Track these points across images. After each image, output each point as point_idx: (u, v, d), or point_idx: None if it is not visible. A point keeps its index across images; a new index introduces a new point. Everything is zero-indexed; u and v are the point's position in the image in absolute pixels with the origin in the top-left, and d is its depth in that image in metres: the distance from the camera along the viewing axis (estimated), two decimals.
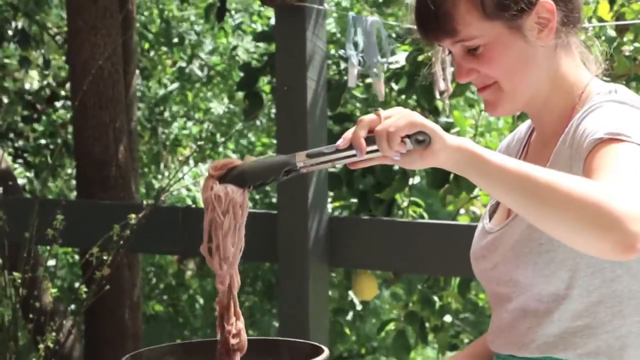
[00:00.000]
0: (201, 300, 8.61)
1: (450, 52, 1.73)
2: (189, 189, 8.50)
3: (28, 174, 8.15)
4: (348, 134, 1.51)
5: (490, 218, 1.85)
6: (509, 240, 1.72)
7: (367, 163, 1.53)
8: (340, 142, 1.52)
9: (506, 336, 1.74)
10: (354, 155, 1.51)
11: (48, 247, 3.51)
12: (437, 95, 3.36)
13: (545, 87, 1.71)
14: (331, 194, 4.97)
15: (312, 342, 1.71)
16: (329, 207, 4.76)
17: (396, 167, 4.73)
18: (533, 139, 1.84)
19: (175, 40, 8.49)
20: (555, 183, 1.43)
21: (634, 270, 1.66)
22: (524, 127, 1.89)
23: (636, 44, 6.33)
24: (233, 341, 1.59)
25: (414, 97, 4.58)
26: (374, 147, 1.50)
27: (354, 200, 4.84)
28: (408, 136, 1.48)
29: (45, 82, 8.21)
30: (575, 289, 1.66)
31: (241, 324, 1.61)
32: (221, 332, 1.60)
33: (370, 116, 1.50)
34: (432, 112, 4.60)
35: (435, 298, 4.69)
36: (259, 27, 8.59)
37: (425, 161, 1.49)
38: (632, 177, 1.46)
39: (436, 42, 1.72)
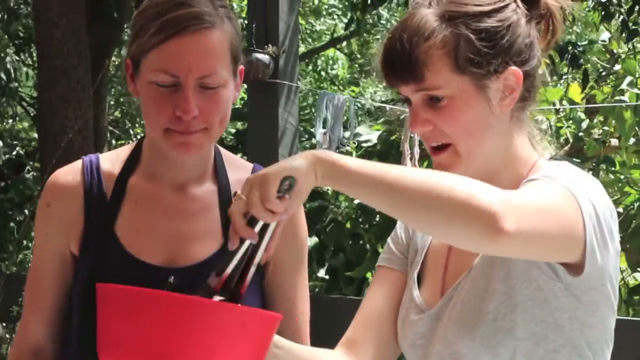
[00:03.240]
0: None
1: (406, 101, 1.71)
2: None
3: None
4: (231, 233, 1.50)
5: (418, 285, 1.79)
6: (451, 313, 1.69)
7: (273, 241, 1.52)
8: (230, 244, 1.51)
9: None
10: (252, 244, 1.50)
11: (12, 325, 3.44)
12: None
13: (497, 159, 1.70)
14: None
15: None
16: None
17: (367, 246, 4.71)
18: None
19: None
20: (420, 181, 1.47)
21: (574, 342, 1.65)
22: None
23: (606, 127, 6.41)
24: None
25: None
26: (261, 224, 1.49)
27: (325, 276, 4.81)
28: (278, 190, 1.47)
29: (14, 153, 8.17)
30: (521, 358, 1.63)
31: None
32: None
33: (236, 204, 1.49)
34: None
35: None
36: None
37: (307, 191, 1.49)
38: (532, 193, 1.53)
39: (400, 85, 1.67)
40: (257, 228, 1.49)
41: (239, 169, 1.87)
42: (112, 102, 8.37)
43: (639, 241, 5.67)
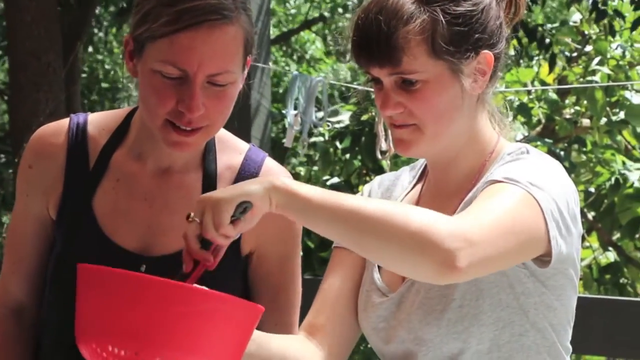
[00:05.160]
0: None
1: (374, 81, 1.69)
2: None
3: None
4: (185, 255, 1.51)
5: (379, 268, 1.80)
6: (414, 299, 1.69)
7: (218, 257, 1.53)
8: (185, 266, 1.52)
9: None
10: (205, 265, 1.51)
11: None
12: (379, 155, 3.37)
13: (461, 139, 1.71)
14: None
15: None
16: None
17: None
18: (425, 191, 1.80)
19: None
20: (377, 212, 1.47)
21: (539, 325, 1.67)
22: (405, 175, 1.86)
23: (577, 107, 6.44)
24: None
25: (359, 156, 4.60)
26: (215, 245, 1.50)
27: None
28: (233, 214, 1.48)
29: None
30: (486, 343, 1.65)
31: None
32: None
33: (190, 227, 1.50)
34: (376, 171, 4.62)
35: None
36: None
37: (260, 215, 1.51)
38: (488, 209, 1.52)
39: (373, 67, 1.66)
40: (211, 249, 1.50)
41: (231, 152, 1.81)
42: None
43: (610, 221, 5.71)
